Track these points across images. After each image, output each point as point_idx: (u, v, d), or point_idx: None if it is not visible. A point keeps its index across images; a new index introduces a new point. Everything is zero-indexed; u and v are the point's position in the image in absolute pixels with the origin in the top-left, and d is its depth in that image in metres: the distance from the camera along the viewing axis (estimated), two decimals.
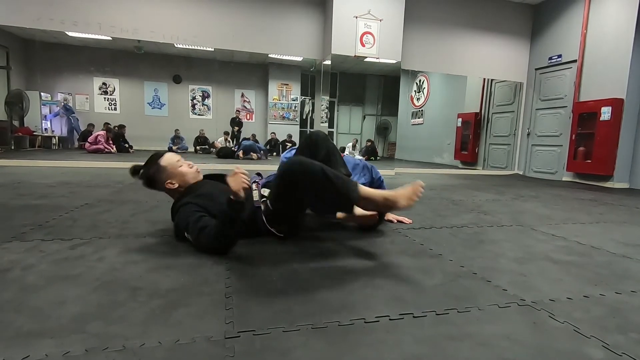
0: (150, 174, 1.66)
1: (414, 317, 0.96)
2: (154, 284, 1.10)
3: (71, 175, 3.77)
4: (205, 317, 0.91)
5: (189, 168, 1.72)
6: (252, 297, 1.04)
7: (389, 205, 1.39)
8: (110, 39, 5.66)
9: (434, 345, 0.83)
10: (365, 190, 1.39)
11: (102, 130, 7.81)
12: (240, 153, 7.79)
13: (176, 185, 1.65)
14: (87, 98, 9.41)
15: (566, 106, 5.76)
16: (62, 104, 9.11)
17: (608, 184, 4.98)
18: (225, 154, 7.91)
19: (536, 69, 6.38)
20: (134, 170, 1.69)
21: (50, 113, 9.16)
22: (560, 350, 0.83)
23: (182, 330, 0.84)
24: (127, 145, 8.18)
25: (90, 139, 7.46)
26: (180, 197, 1.60)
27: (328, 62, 5.70)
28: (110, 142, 7.72)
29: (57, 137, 9.15)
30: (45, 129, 9.04)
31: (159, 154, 1.72)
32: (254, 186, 1.58)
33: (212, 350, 0.77)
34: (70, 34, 5.36)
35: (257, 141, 8.78)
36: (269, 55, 7.43)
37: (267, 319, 0.91)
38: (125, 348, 0.76)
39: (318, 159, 1.52)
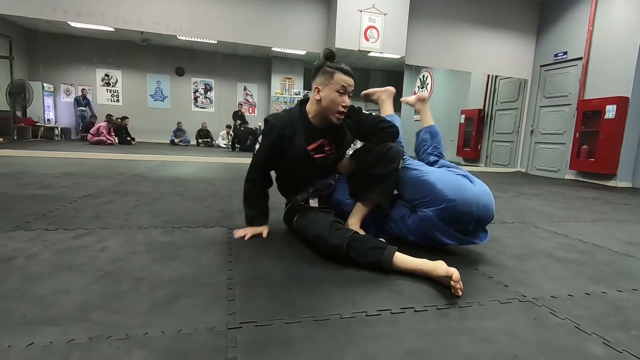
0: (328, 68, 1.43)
1: (415, 311, 0.96)
2: (156, 274, 1.11)
3: (74, 166, 3.78)
4: (207, 308, 0.92)
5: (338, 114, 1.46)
6: (254, 289, 1.05)
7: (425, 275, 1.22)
8: (114, 30, 5.64)
9: (434, 339, 0.83)
10: (401, 261, 1.23)
11: (104, 121, 7.80)
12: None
13: (319, 99, 1.45)
14: (89, 89, 9.40)
15: (570, 104, 5.72)
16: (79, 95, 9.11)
17: (611, 183, 4.96)
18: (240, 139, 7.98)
19: (541, 66, 6.32)
20: (332, 53, 1.46)
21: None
22: (561, 346, 0.83)
23: (185, 320, 0.85)
24: (129, 138, 8.18)
25: (92, 130, 7.46)
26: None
27: None
28: (112, 133, 7.72)
29: (59, 128, 9.16)
30: (48, 120, 9.05)
31: None
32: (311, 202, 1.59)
33: (214, 341, 0.77)
34: (73, 24, 5.33)
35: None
36: (272, 49, 7.39)
37: (269, 311, 0.91)
38: (128, 337, 0.77)
39: (372, 171, 1.50)
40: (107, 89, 9.84)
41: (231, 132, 9.24)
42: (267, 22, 5.54)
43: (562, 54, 5.91)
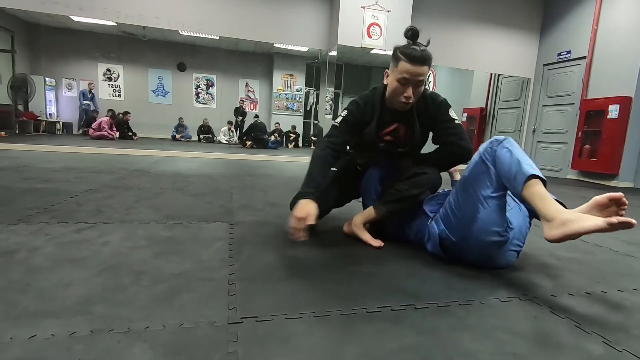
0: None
1: (415, 308, 0.96)
2: (158, 269, 1.11)
3: (75, 160, 3.79)
4: (208, 303, 0.92)
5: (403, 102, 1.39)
6: (255, 284, 1.05)
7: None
8: (116, 24, 5.63)
9: (434, 336, 0.83)
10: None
11: (106, 116, 7.80)
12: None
13: (386, 85, 1.43)
14: (94, 84, 9.40)
15: (573, 103, 5.70)
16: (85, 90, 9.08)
17: (612, 183, 4.95)
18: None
19: (544, 65, 6.30)
20: (414, 32, 1.38)
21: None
22: (561, 344, 0.83)
23: (186, 314, 0.85)
24: (130, 133, 8.18)
25: (94, 125, 7.47)
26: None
27: (334, 53, 5.65)
28: (114, 128, 7.72)
29: (61, 123, 9.17)
30: (50, 114, 9.06)
31: None
32: None
33: (215, 335, 0.78)
34: (75, 18, 5.34)
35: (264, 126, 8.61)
36: (274, 45, 7.38)
37: (270, 306, 0.92)
38: (130, 330, 0.77)
39: (396, 185, 1.45)
40: (109, 84, 9.85)
41: (232, 129, 9.24)
42: (270, 18, 5.52)
43: (565, 52, 5.89)
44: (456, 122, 1.44)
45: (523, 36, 6.35)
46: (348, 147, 1.63)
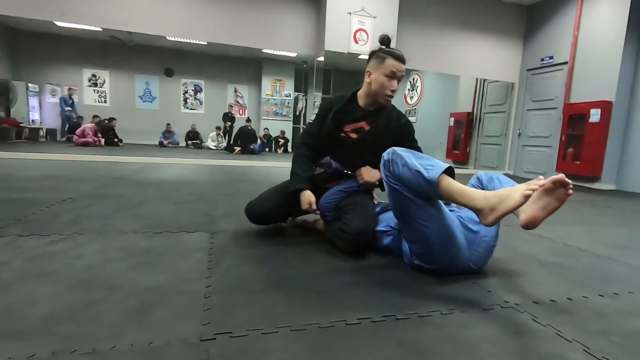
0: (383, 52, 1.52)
1: (396, 319, 0.94)
2: (132, 282, 1.07)
3: (56, 168, 3.69)
4: (182, 318, 0.88)
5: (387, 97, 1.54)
6: (232, 297, 1.02)
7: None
8: (101, 29, 5.55)
9: (415, 348, 0.81)
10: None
11: (91, 123, 7.65)
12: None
13: (369, 82, 1.55)
14: (76, 89, 9.23)
15: (557, 107, 5.81)
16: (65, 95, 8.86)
17: (595, 185, 5.04)
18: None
19: (528, 70, 6.42)
20: (389, 39, 1.56)
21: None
22: (541, 354, 0.82)
23: (157, 331, 0.82)
24: (116, 139, 8.04)
25: (78, 131, 7.31)
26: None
27: (322, 58, 5.65)
28: (99, 135, 7.57)
29: (44, 129, 8.97)
30: (33, 121, 8.86)
31: None
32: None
33: (185, 354, 0.74)
34: (58, 23, 5.24)
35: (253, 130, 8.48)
36: (263, 51, 7.36)
37: (245, 321, 0.89)
38: (94, 351, 0.73)
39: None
40: (94, 90, 9.68)
41: (221, 134, 9.16)
42: (258, 24, 5.51)
43: (548, 58, 6.01)
44: (418, 145, 1.62)
45: (507, 42, 6.47)
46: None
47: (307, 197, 1.53)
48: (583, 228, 2.28)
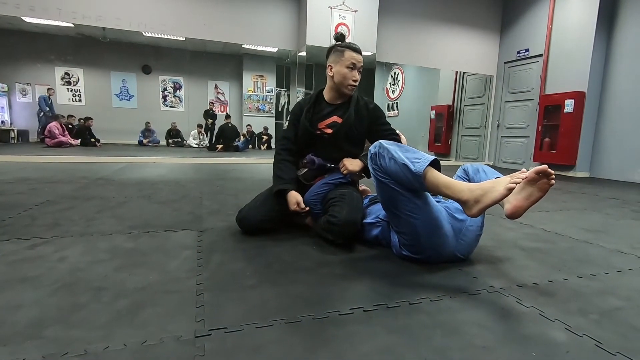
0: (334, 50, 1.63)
1: (387, 307, 0.96)
2: (120, 283, 1.05)
3: (31, 170, 3.56)
4: (174, 316, 0.88)
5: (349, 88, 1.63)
6: (224, 293, 1.02)
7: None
8: (72, 25, 5.34)
9: (406, 334, 0.84)
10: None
11: (53, 121, 7.00)
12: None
13: (332, 75, 1.63)
14: (48, 89, 8.87)
15: (533, 99, 5.98)
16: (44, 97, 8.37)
17: (571, 173, 5.24)
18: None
19: (505, 63, 6.58)
20: (343, 35, 1.71)
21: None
22: (526, 334, 0.86)
23: (150, 330, 0.81)
24: (93, 139, 7.78)
25: (45, 132, 6.87)
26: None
27: (303, 53, 5.63)
28: (66, 134, 7.13)
29: (15, 131, 8.60)
30: (2, 122, 8.47)
31: None
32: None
33: (181, 350, 0.74)
34: (27, 19, 5.00)
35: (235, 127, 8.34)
36: (243, 46, 7.26)
37: (239, 316, 0.89)
38: (87, 352, 0.72)
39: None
40: (67, 89, 9.33)
41: (202, 132, 9.01)
42: (237, 19, 5.43)
43: (524, 50, 6.17)
44: (391, 126, 1.69)
45: (485, 35, 6.60)
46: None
47: (294, 197, 1.56)
48: (560, 214, 2.37)
